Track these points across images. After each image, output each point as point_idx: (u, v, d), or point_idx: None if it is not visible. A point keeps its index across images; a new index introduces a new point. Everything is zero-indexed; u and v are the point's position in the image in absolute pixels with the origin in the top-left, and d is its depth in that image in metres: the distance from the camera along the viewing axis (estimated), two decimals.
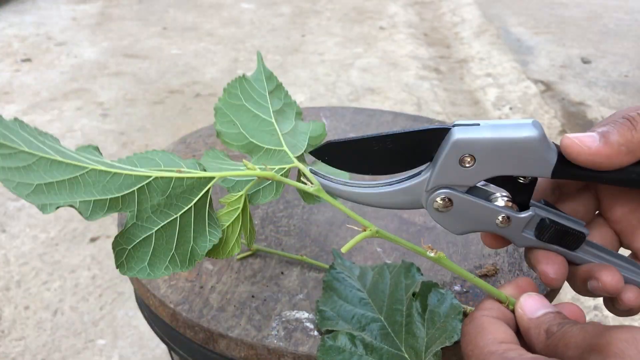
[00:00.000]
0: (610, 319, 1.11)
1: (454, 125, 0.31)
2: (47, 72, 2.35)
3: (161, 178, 0.31)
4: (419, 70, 2.47)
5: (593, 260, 0.33)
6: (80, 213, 0.29)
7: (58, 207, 0.28)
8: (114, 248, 0.30)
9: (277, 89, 0.44)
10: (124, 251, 0.31)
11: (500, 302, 0.32)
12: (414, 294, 0.38)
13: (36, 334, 1.10)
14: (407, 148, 0.32)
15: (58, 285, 1.22)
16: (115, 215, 1.46)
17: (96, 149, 0.32)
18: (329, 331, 0.38)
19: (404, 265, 0.40)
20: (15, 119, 0.29)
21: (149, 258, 0.31)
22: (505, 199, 0.32)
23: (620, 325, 0.24)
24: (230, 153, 0.57)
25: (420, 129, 0.31)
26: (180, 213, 0.31)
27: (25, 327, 1.12)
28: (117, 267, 0.31)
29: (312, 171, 0.34)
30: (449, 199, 0.32)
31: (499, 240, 0.34)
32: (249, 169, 0.33)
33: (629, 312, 0.33)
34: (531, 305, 0.30)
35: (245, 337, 0.39)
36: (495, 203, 0.32)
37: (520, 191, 0.33)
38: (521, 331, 0.30)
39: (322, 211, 0.54)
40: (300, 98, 2.17)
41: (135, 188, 0.30)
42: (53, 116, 1.98)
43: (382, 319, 0.38)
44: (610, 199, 0.34)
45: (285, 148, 0.38)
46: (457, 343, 0.35)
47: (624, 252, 0.35)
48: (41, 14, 3.12)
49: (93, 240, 1.37)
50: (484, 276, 0.46)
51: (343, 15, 3.31)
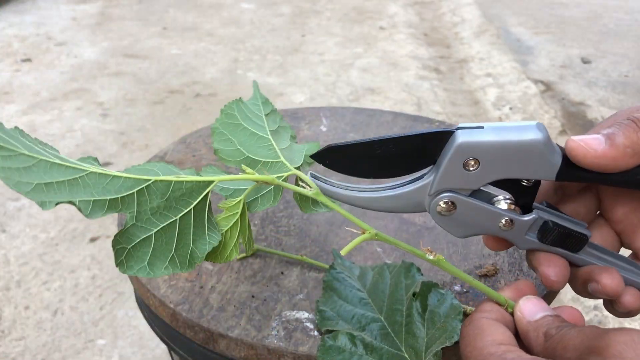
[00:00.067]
0: (610, 319, 1.11)
1: (458, 129, 0.30)
2: (47, 72, 2.35)
3: (160, 181, 0.31)
4: (419, 70, 2.47)
5: (594, 262, 0.33)
6: (80, 210, 0.29)
7: (58, 204, 0.28)
8: (113, 246, 0.31)
9: (273, 113, 0.45)
10: (124, 250, 0.31)
11: (500, 305, 0.32)
12: (414, 294, 0.38)
13: (36, 334, 1.10)
14: (410, 151, 0.32)
15: (58, 285, 1.22)
16: (115, 215, 1.46)
17: (95, 159, 0.32)
18: (329, 331, 0.38)
19: (404, 266, 0.40)
20: (16, 128, 0.29)
21: (148, 258, 0.31)
22: (509, 201, 0.32)
23: (619, 328, 0.24)
24: (228, 170, 0.58)
25: (424, 132, 0.31)
26: (179, 215, 0.32)
27: (25, 327, 1.12)
28: (117, 266, 0.31)
29: (314, 175, 0.34)
30: (453, 203, 0.32)
31: (501, 242, 0.34)
32: (247, 173, 0.33)
33: (628, 314, 0.33)
34: (530, 308, 0.30)
35: (245, 337, 0.39)
36: (498, 206, 0.32)
37: (523, 193, 0.32)
38: (520, 334, 0.30)
39: (322, 211, 0.54)
40: (300, 98, 2.17)
41: (134, 190, 0.30)
42: (53, 116, 1.98)
43: (382, 319, 0.38)
44: (611, 199, 0.34)
45: (282, 159, 0.39)
46: (457, 343, 0.35)
47: (625, 252, 0.35)
48: (41, 14, 3.12)
49: (93, 240, 1.37)
50: (484, 276, 0.46)
51: (343, 15, 3.31)
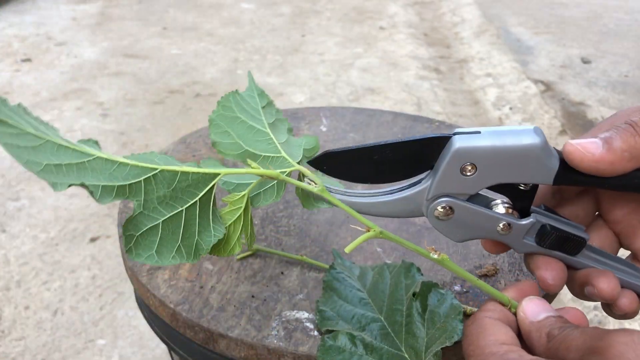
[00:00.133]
0: (611, 319, 1.11)
1: (455, 134, 0.30)
2: (47, 72, 2.35)
3: (167, 171, 0.31)
4: (419, 70, 2.47)
5: (592, 265, 0.33)
6: (90, 193, 0.29)
7: (70, 186, 0.28)
8: (123, 232, 0.31)
9: (269, 105, 0.44)
10: (132, 237, 0.31)
11: (503, 305, 0.32)
12: (414, 294, 0.38)
13: (36, 334, 1.10)
14: (407, 157, 0.32)
15: (58, 285, 1.22)
16: (115, 215, 1.46)
17: (96, 142, 0.32)
18: (329, 331, 0.38)
19: (404, 265, 0.40)
20: (19, 105, 0.29)
21: (156, 246, 0.32)
22: (506, 205, 0.32)
23: (620, 329, 0.24)
24: (226, 163, 0.58)
25: (421, 137, 0.31)
26: (185, 206, 0.32)
27: (25, 327, 1.12)
28: (126, 252, 0.31)
29: (309, 180, 0.34)
30: (450, 208, 0.32)
31: (499, 246, 0.34)
32: (253, 167, 0.33)
33: (624, 316, 0.33)
34: (533, 309, 0.30)
35: (245, 337, 0.39)
36: (496, 210, 0.32)
37: (521, 198, 0.32)
38: (523, 334, 0.30)
39: (322, 211, 0.54)
40: (300, 98, 2.17)
41: (141, 178, 0.31)
42: (53, 116, 1.98)
43: (382, 319, 0.38)
44: (610, 200, 0.34)
45: (284, 154, 0.39)
46: (457, 343, 0.35)
47: (623, 253, 0.35)
48: (41, 14, 3.12)
49: (93, 240, 1.37)
50: (484, 276, 0.46)
51: (343, 15, 3.31)
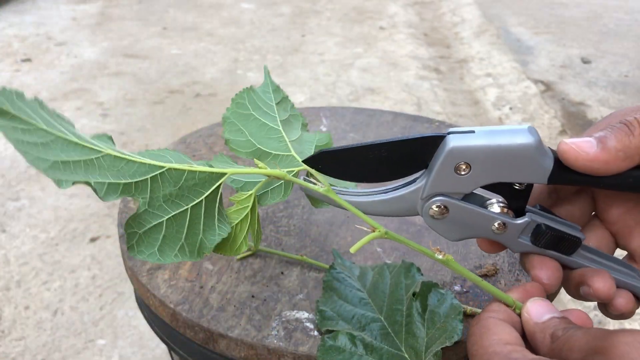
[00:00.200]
0: (610, 319, 1.11)
1: (449, 133, 0.31)
2: (47, 72, 2.35)
3: (174, 169, 0.32)
4: (419, 70, 2.47)
5: (588, 265, 0.33)
6: (95, 191, 0.29)
7: (74, 183, 0.28)
8: (125, 230, 0.31)
9: (284, 101, 0.45)
10: (135, 234, 0.31)
11: (508, 306, 0.32)
12: (414, 294, 0.38)
13: (36, 334, 1.10)
14: (402, 156, 0.32)
15: (58, 285, 1.22)
16: (115, 215, 1.46)
17: (110, 138, 0.33)
18: (329, 331, 0.38)
19: (404, 265, 0.40)
20: (35, 98, 0.29)
21: (159, 244, 0.32)
22: (501, 205, 0.32)
23: (624, 329, 0.24)
24: (238, 160, 0.58)
25: (415, 136, 0.31)
26: (191, 205, 0.32)
27: (25, 327, 1.12)
28: (128, 249, 0.31)
29: (306, 179, 0.34)
30: (445, 207, 0.32)
31: (495, 245, 0.34)
32: (260, 167, 0.34)
33: (621, 316, 0.33)
34: (537, 310, 0.30)
35: (245, 337, 0.39)
36: (491, 209, 0.32)
37: (516, 197, 0.32)
38: (527, 335, 0.30)
39: (322, 211, 0.54)
40: (300, 98, 2.17)
41: (148, 176, 0.31)
42: None
43: (382, 319, 0.38)
44: (606, 200, 0.34)
45: (293, 153, 0.39)
46: (457, 343, 0.35)
47: (620, 253, 0.35)
48: (41, 14, 3.12)
49: (93, 240, 1.37)
50: (484, 276, 0.46)
51: (343, 15, 3.31)
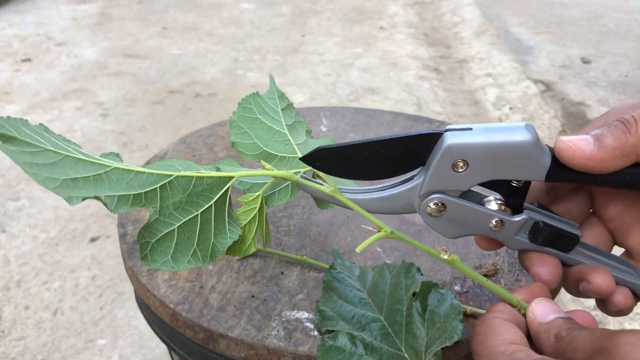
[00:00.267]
0: (611, 318, 1.11)
1: (446, 130, 0.31)
2: (47, 72, 2.35)
3: (182, 177, 0.32)
4: (419, 70, 2.47)
5: (586, 262, 0.33)
6: (105, 205, 0.30)
7: (84, 199, 0.29)
8: (138, 240, 0.32)
9: (288, 107, 0.46)
10: (148, 244, 0.32)
11: (512, 306, 0.32)
12: (414, 294, 0.38)
13: (36, 334, 1.10)
14: (399, 153, 0.32)
15: (58, 285, 1.22)
16: (115, 215, 1.46)
17: (117, 155, 0.33)
18: (329, 331, 0.38)
19: (404, 265, 0.40)
20: (41, 125, 0.31)
21: (171, 252, 0.32)
22: (499, 202, 0.32)
23: (628, 330, 0.24)
24: (245, 162, 0.58)
25: (412, 134, 0.31)
26: (201, 210, 0.33)
27: (25, 327, 1.12)
28: (142, 259, 0.32)
29: (304, 177, 0.34)
30: (442, 204, 0.32)
31: (493, 242, 0.35)
32: (266, 169, 0.34)
33: (620, 313, 0.33)
34: (542, 310, 0.31)
35: (245, 337, 0.39)
36: (489, 207, 0.32)
37: (513, 194, 0.32)
38: (531, 335, 0.31)
39: (322, 211, 0.54)
40: (300, 98, 2.17)
41: (157, 185, 0.32)
42: (53, 116, 1.98)
43: (382, 319, 0.38)
44: (603, 198, 0.35)
45: (299, 155, 0.40)
46: (457, 343, 0.35)
47: (617, 250, 0.35)
48: (41, 14, 3.12)
49: (93, 240, 1.37)
50: (484, 276, 0.46)
51: (343, 15, 3.31)
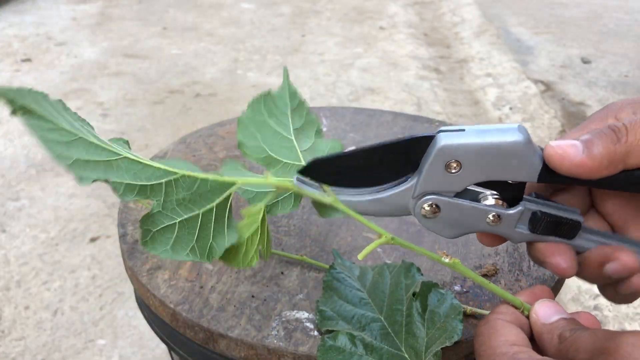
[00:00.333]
0: (610, 318, 1.11)
1: (440, 131, 0.31)
2: (47, 72, 2.35)
3: (188, 176, 0.33)
4: (419, 70, 2.47)
5: (594, 246, 0.33)
6: (114, 189, 0.31)
7: (94, 181, 0.30)
8: (140, 226, 0.33)
9: (300, 106, 0.46)
10: (149, 232, 0.33)
11: (516, 308, 0.32)
12: (414, 294, 0.38)
13: (36, 334, 1.10)
14: (394, 158, 0.32)
15: (58, 285, 1.22)
16: (115, 215, 1.46)
17: (126, 142, 0.35)
18: (329, 331, 0.38)
19: (404, 265, 0.40)
20: (60, 100, 0.31)
21: (171, 243, 0.33)
22: (495, 197, 0.32)
23: (629, 331, 0.25)
24: (247, 163, 0.59)
25: (405, 139, 0.31)
26: (202, 210, 0.34)
27: (25, 327, 1.12)
28: (142, 244, 0.33)
29: (300, 180, 0.35)
30: (436, 205, 0.32)
31: (495, 238, 0.35)
32: (268, 179, 0.35)
33: (633, 296, 0.33)
34: (545, 311, 0.31)
35: (245, 337, 0.39)
36: (485, 202, 0.32)
37: (510, 192, 0.33)
38: (535, 336, 0.31)
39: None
40: None
41: (163, 180, 0.33)
42: None
43: (382, 319, 0.38)
44: (601, 193, 0.35)
45: (303, 163, 0.40)
46: (457, 343, 0.35)
47: None
48: (41, 14, 3.12)
49: (93, 240, 1.37)
50: (484, 276, 0.46)
51: (343, 15, 3.31)
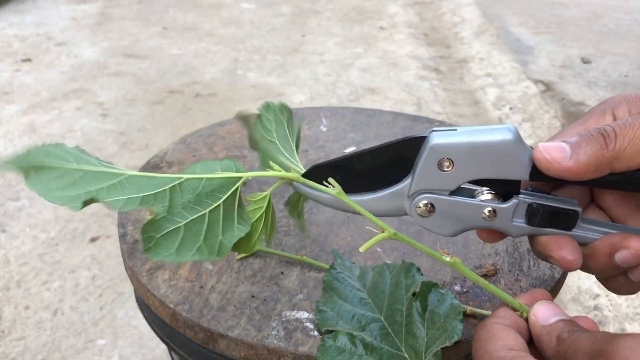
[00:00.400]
0: (610, 318, 1.11)
1: (432, 131, 0.32)
2: (47, 72, 2.35)
3: (192, 179, 0.33)
4: (419, 70, 2.47)
5: (598, 237, 0.33)
6: (107, 206, 0.30)
7: (84, 203, 0.30)
8: (142, 234, 0.32)
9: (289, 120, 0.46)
10: (152, 238, 0.32)
11: (515, 310, 0.32)
12: (414, 294, 0.38)
13: (36, 334, 1.10)
14: (389, 160, 0.33)
15: (58, 285, 1.22)
16: (115, 215, 1.46)
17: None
18: (329, 331, 0.38)
19: (404, 265, 0.40)
20: (57, 144, 0.32)
21: (176, 247, 0.33)
22: (491, 193, 0.33)
23: (628, 333, 0.25)
24: (245, 165, 0.60)
25: (397, 140, 0.32)
26: (209, 209, 0.33)
27: (25, 327, 1.12)
28: (145, 251, 0.32)
29: (300, 186, 0.36)
30: (431, 204, 0.33)
31: (494, 234, 0.35)
32: (275, 170, 0.35)
33: (638, 286, 0.33)
34: (544, 313, 0.31)
35: (245, 337, 0.39)
36: (480, 198, 0.33)
37: (505, 189, 0.33)
38: (533, 338, 0.31)
39: (322, 211, 0.54)
40: (300, 98, 2.17)
41: (167, 187, 0.32)
42: (53, 116, 1.98)
43: (382, 319, 0.38)
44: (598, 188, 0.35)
45: (300, 165, 0.41)
46: (457, 343, 0.35)
47: None
48: (41, 14, 3.12)
49: (93, 240, 1.37)
50: (484, 276, 0.46)
51: (343, 15, 3.31)
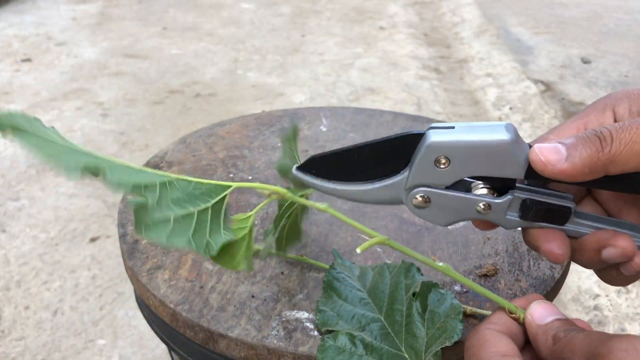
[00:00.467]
0: (611, 319, 1.11)
1: (430, 129, 0.32)
2: (47, 72, 2.35)
3: (182, 180, 0.34)
4: (419, 70, 2.47)
5: (589, 231, 0.33)
6: (103, 176, 0.31)
7: (83, 169, 0.30)
8: (134, 213, 0.32)
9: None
10: (144, 221, 0.32)
11: (511, 313, 0.32)
12: (414, 294, 0.38)
13: (36, 334, 1.10)
14: (387, 154, 0.33)
15: (58, 285, 1.22)
16: (115, 215, 1.46)
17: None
18: (329, 331, 0.38)
19: (404, 265, 0.40)
20: (36, 118, 0.32)
21: (167, 235, 0.33)
22: (487, 187, 0.33)
23: (623, 335, 0.25)
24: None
25: (396, 136, 0.33)
26: (198, 209, 0.34)
27: (25, 327, 1.12)
28: (136, 230, 0.32)
29: (298, 168, 0.36)
30: (427, 197, 0.33)
31: (487, 223, 0.35)
32: (260, 183, 0.36)
33: (634, 277, 0.33)
34: (540, 312, 0.31)
35: (245, 337, 0.39)
36: (475, 192, 0.33)
37: (501, 184, 0.33)
38: (529, 337, 0.31)
39: (322, 211, 0.54)
40: (300, 98, 2.17)
41: (157, 182, 0.33)
42: (53, 116, 1.98)
43: (382, 319, 0.38)
44: None
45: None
46: (457, 343, 0.35)
47: None
48: (41, 14, 3.12)
49: (93, 240, 1.37)
50: (484, 276, 0.46)
51: (343, 15, 3.31)
